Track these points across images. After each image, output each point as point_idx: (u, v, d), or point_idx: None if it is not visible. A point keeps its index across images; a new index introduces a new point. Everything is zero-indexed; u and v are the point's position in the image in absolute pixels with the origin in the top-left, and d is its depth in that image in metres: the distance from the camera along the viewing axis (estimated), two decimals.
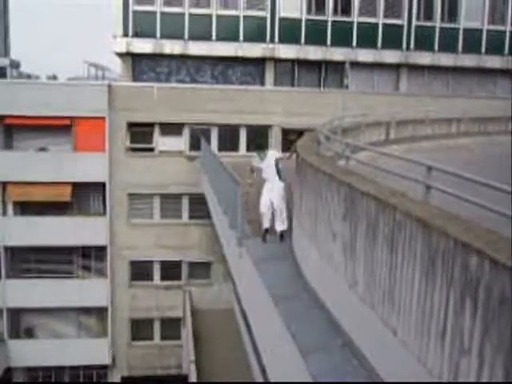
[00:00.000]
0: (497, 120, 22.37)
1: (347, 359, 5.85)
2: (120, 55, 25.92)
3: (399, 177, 6.11)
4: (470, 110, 21.83)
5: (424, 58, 27.60)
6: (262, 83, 26.85)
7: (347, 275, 6.28)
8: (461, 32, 27.78)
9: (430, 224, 4.40)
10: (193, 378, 16.92)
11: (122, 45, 25.29)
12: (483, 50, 28.21)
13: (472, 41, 27.89)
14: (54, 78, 34.82)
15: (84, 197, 23.29)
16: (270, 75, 26.94)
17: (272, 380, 8.05)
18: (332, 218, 6.80)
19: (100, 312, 24.09)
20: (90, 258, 23.91)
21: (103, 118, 22.03)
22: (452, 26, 27.65)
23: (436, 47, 27.65)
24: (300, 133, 17.26)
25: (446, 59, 27.83)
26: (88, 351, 23.76)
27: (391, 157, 7.33)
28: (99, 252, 23.58)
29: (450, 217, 4.55)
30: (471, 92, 28.45)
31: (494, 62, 28.43)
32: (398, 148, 16.09)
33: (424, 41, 27.37)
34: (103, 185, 22.66)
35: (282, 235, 10.02)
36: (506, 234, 4.04)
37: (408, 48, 27.40)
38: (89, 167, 22.29)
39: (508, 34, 28.38)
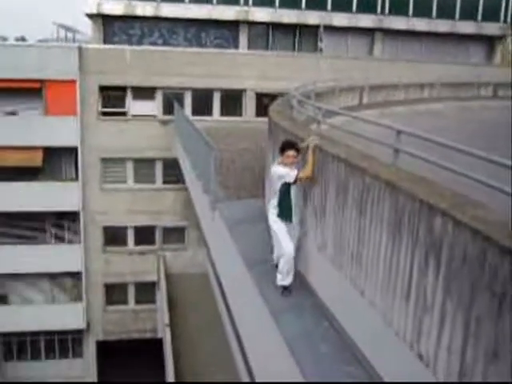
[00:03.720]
0: (468, 85, 22.53)
1: (318, 320, 5.98)
2: (90, 17, 25.33)
3: (370, 141, 6.17)
4: (443, 76, 21.93)
5: (398, 23, 27.57)
6: (236, 47, 26.58)
7: (317, 237, 6.38)
8: None
9: (397, 186, 4.48)
10: (167, 341, 17.13)
11: (92, 6, 24.72)
12: (457, 15, 28.26)
13: (446, 6, 27.91)
14: (23, 39, 33.89)
15: (56, 162, 22.94)
16: (244, 38, 26.66)
17: (246, 343, 8.19)
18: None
19: (74, 277, 24.03)
20: (62, 223, 23.74)
21: (74, 81, 21.57)
22: None
23: (410, 12, 27.60)
24: (274, 97, 17.22)
25: (420, 24, 27.83)
26: (62, 316, 23.79)
27: (363, 121, 7.38)
28: (72, 217, 23.40)
29: (418, 179, 4.63)
30: (445, 57, 28.56)
31: (467, 27, 28.53)
32: (371, 113, 16.13)
33: (399, 5, 27.30)
34: (75, 149, 22.35)
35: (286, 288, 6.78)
36: (475, 196, 4.14)
37: (383, 12, 27.30)
38: (60, 131, 21.91)
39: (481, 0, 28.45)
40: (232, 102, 23.43)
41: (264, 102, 21.07)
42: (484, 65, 28.89)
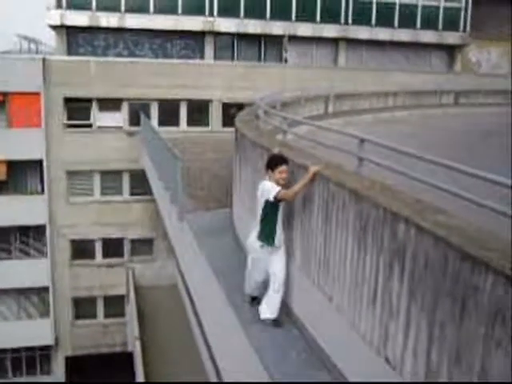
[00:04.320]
0: (431, 93, 23.01)
1: (288, 330, 6.01)
2: (54, 28, 25.09)
3: (334, 149, 6.27)
4: (406, 84, 22.36)
5: (362, 33, 28.01)
6: (202, 57, 26.63)
7: (285, 246, 6.42)
8: (397, 7, 28.31)
9: (361, 194, 4.56)
10: (138, 354, 16.95)
11: (55, 17, 24.49)
12: (418, 25, 28.86)
13: (407, 16, 28.49)
14: None
15: (20, 175, 22.59)
16: (209, 49, 26.74)
17: (217, 354, 8.18)
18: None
19: (41, 292, 23.61)
20: (28, 237, 23.33)
21: (38, 94, 21.32)
22: (388, 0, 28.10)
23: (373, 22, 28.08)
24: (240, 107, 17.31)
25: (383, 34, 28.34)
26: (30, 332, 23.32)
27: (327, 130, 7.49)
28: (38, 231, 23.03)
29: (381, 187, 4.73)
30: (407, 66, 29.12)
31: (428, 36, 29.16)
32: (336, 121, 16.34)
33: (362, 15, 27.74)
34: (40, 162, 22.04)
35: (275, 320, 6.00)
36: (437, 201, 4.25)
37: (346, 22, 27.70)
38: (25, 144, 21.58)
39: (441, 9, 29.12)
40: (199, 112, 23.43)
41: (231, 112, 21.13)
42: (445, 73, 29.54)
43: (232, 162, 10.38)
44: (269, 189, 5.74)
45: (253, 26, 26.44)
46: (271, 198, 5.69)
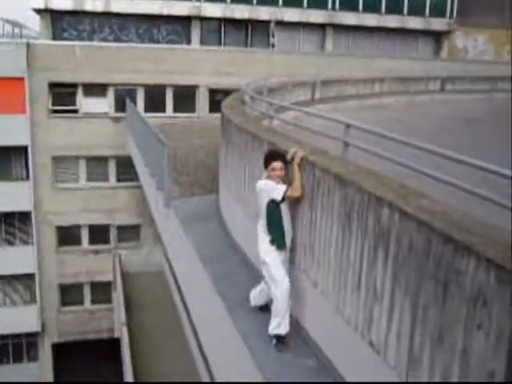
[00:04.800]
0: (418, 80, 23.05)
1: None
2: (38, 12, 24.74)
3: (320, 135, 6.28)
4: (393, 70, 22.37)
5: (349, 19, 27.96)
6: (189, 42, 26.45)
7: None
8: None
9: (346, 179, 4.58)
10: (125, 340, 16.96)
11: (40, 0, 24.13)
12: (405, 11, 28.84)
13: (395, 2, 28.45)
14: None
15: (5, 161, 22.38)
16: (196, 34, 26.55)
17: (204, 340, 8.21)
18: (256, 176, 6.90)
19: (27, 279, 23.51)
20: (14, 224, 23.17)
21: (22, 79, 21.06)
22: None
23: (360, 7, 28.01)
24: (227, 93, 17.22)
25: (370, 19, 28.29)
26: (17, 319, 23.25)
27: (314, 116, 7.50)
28: (24, 218, 22.88)
29: (366, 172, 4.75)
30: (395, 52, 29.13)
31: (415, 23, 29.16)
32: (323, 107, 16.34)
33: (349, 1, 27.66)
34: (25, 148, 21.83)
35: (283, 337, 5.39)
36: (422, 187, 4.28)
37: (333, 8, 27.61)
38: (9, 130, 21.33)
39: None
40: (185, 98, 23.30)
41: (217, 98, 21.04)
42: (432, 59, 29.59)
43: (218, 148, 10.36)
44: (270, 188, 5.28)
45: (239, 11, 26.28)
46: (279, 199, 5.23)
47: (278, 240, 5.37)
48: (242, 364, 5.71)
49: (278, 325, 5.28)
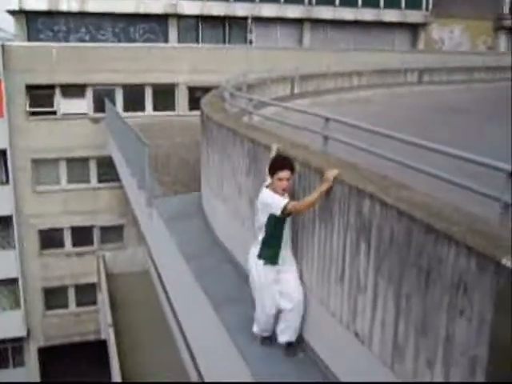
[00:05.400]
0: (395, 72, 23.19)
1: None
2: (13, 13, 24.42)
3: (300, 129, 6.30)
4: (371, 63, 22.47)
5: (326, 13, 28.00)
6: (166, 40, 26.30)
7: (253, 228, 6.45)
8: None
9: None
10: (111, 341, 16.89)
11: (14, 2, 23.82)
12: (381, 4, 28.98)
13: None
14: None
15: None
16: (173, 32, 26.40)
17: (190, 337, 8.22)
18: (237, 173, 6.91)
19: (11, 284, 23.28)
20: None
21: None
22: None
23: (337, 2, 28.09)
24: (206, 90, 17.17)
25: (346, 13, 28.38)
26: (1, 324, 23.01)
27: (293, 110, 7.52)
28: (5, 222, 22.64)
29: (346, 165, 4.78)
30: (372, 45, 29.24)
31: (391, 15, 29.32)
32: (302, 102, 16.36)
33: None
34: (4, 152, 21.59)
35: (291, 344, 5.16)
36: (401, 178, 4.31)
37: (310, 3, 27.64)
38: None
39: None
40: (164, 96, 23.19)
41: (196, 96, 20.97)
42: (409, 52, 29.77)
43: (199, 146, 10.35)
44: (272, 202, 4.77)
45: (216, 8, 26.19)
46: (278, 213, 4.74)
47: (269, 255, 4.97)
48: (229, 359, 5.72)
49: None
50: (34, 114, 21.74)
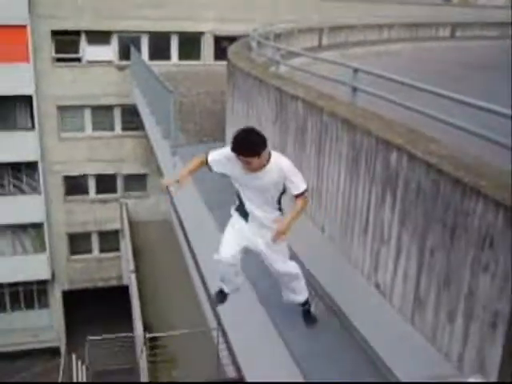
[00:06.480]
0: (427, 26, 22.54)
1: None
2: None
3: (328, 80, 6.19)
4: (402, 16, 21.87)
5: None
6: None
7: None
8: None
9: (353, 123, 4.53)
10: (133, 287, 17.26)
11: None
12: None
13: None
14: None
15: (10, 111, 22.23)
16: None
17: (209, 281, 8.32)
18: (263, 122, 6.85)
19: (36, 228, 23.78)
20: (21, 174, 23.25)
21: (24, 27, 20.70)
22: None
23: None
24: (232, 40, 16.91)
25: None
26: (27, 267, 23.61)
27: (323, 61, 7.37)
28: (31, 168, 22.92)
29: (374, 117, 4.69)
30: None
31: None
32: (331, 54, 16.02)
33: None
34: (29, 98, 21.66)
35: (308, 310, 4.87)
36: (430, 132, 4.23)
37: None
38: (13, 80, 21.08)
39: None
40: (190, 45, 22.93)
41: (222, 46, 20.67)
42: (442, 4, 28.83)
43: (224, 96, 10.26)
44: (296, 180, 4.16)
45: None
46: (297, 191, 4.15)
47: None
48: (250, 308, 5.79)
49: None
50: (59, 60, 21.69)
